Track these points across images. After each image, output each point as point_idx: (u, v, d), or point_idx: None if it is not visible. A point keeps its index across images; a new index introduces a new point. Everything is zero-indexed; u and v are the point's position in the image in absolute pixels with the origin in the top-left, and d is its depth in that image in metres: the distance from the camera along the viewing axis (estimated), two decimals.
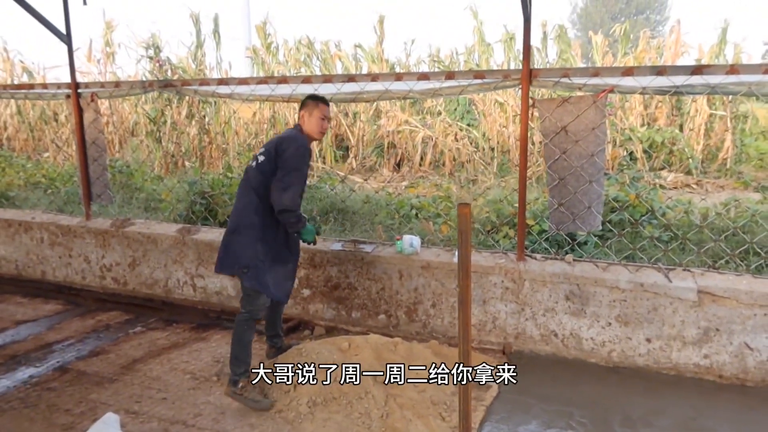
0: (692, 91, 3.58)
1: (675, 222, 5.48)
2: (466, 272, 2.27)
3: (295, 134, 3.45)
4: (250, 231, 3.37)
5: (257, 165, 3.41)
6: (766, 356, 3.45)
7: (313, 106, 3.52)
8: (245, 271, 3.34)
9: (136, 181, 7.85)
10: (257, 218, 3.37)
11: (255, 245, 3.36)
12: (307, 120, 3.51)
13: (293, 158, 3.32)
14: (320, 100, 3.56)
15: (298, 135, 3.45)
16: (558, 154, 3.78)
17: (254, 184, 3.38)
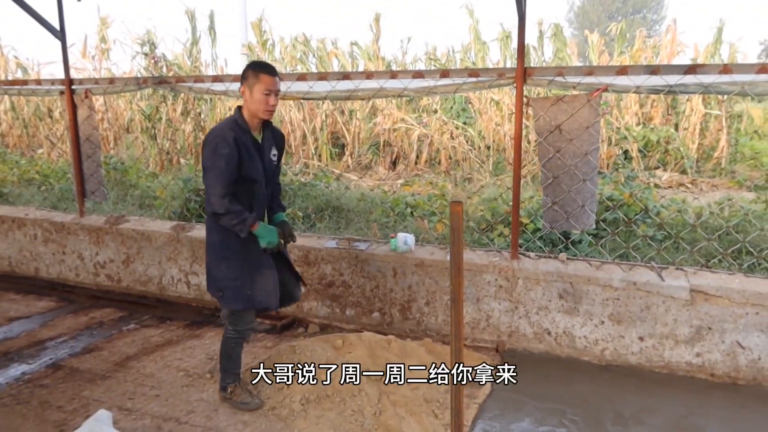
0: (686, 90, 3.59)
1: (669, 221, 5.50)
2: (459, 270, 2.27)
3: (214, 128, 3.00)
4: (212, 251, 3.14)
5: None
6: (757, 355, 3.47)
7: (254, 79, 2.95)
8: (220, 294, 3.14)
9: (130, 178, 7.84)
10: (216, 236, 3.10)
11: (221, 265, 3.10)
12: (248, 97, 2.98)
13: (205, 158, 2.93)
14: (262, 69, 2.98)
15: (216, 127, 3.00)
16: (552, 152, 3.79)
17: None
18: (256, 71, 2.97)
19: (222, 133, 2.92)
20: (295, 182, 7.05)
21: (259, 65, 3.03)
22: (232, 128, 2.95)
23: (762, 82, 3.45)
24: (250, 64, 3.04)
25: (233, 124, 2.99)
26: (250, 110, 3.02)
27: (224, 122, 3.01)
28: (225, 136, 2.90)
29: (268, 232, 3.06)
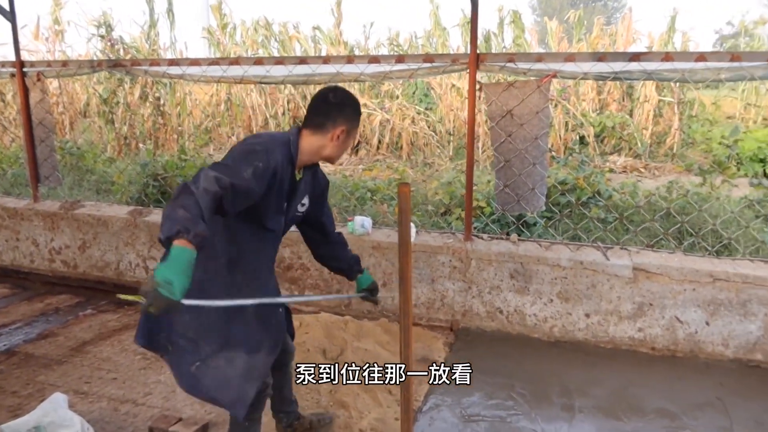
0: (630, 77, 3.74)
1: (619, 204, 5.72)
2: (406, 249, 2.35)
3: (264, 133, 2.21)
4: None
5: None
6: (694, 328, 3.67)
7: (357, 120, 2.29)
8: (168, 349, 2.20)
9: (86, 163, 7.70)
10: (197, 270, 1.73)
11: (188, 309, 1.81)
12: (336, 140, 2.22)
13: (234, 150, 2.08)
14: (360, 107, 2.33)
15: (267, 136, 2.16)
16: (504, 137, 3.90)
17: None
18: (360, 113, 2.32)
19: (272, 147, 2.08)
20: None
21: (359, 105, 2.31)
22: (282, 152, 2.12)
23: (700, 69, 3.61)
24: (352, 101, 2.26)
25: (286, 149, 2.15)
26: (325, 153, 2.25)
27: (278, 137, 2.17)
28: (271, 153, 2.05)
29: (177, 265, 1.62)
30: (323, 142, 2.21)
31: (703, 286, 3.61)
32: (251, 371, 2.18)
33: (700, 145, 10.75)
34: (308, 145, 2.21)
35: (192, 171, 6.43)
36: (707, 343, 3.67)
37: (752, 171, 8.63)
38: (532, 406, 3.17)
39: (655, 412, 3.10)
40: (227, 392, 2.15)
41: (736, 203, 5.49)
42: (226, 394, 2.15)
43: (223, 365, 2.14)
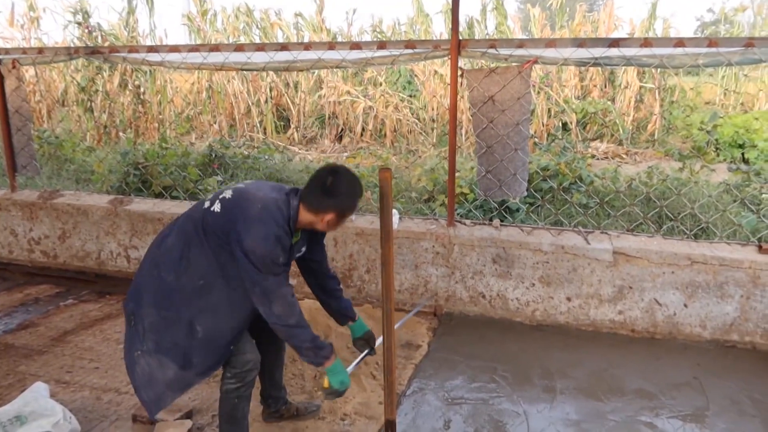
0: (609, 63, 3.76)
1: (601, 189, 5.77)
2: (388, 235, 2.36)
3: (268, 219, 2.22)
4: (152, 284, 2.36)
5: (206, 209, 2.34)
6: (673, 311, 3.74)
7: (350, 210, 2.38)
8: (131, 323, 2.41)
9: (65, 152, 7.59)
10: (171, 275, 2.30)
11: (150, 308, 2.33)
12: (328, 220, 2.34)
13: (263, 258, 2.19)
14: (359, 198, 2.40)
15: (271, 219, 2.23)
16: (485, 122, 3.91)
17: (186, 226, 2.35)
18: (357, 203, 2.40)
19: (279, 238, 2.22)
20: (237, 155, 6.99)
21: (360, 193, 2.38)
22: (284, 228, 2.26)
23: (679, 55, 3.65)
24: (351, 189, 2.34)
25: (285, 226, 2.27)
26: (314, 226, 2.38)
27: (277, 215, 2.25)
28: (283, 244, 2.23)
29: (338, 373, 2.41)
30: (315, 220, 2.34)
31: (681, 269, 3.67)
32: (176, 383, 2.34)
33: (680, 131, 10.87)
34: (303, 218, 2.35)
35: (173, 159, 6.37)
36: (685, 325, 3.74)
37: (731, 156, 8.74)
38: (515, 388, 3.21)
39: (634, 393, 3.16)
40: (148, 391, 2.35)
41: (714, 188, 5.57)
42: (146, 392, 2.35)
43: (155, 366, 2.31)
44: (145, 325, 2.31)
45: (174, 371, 2.30)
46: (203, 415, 2.92)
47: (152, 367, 2.31)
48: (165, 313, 2.29)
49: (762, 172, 6.53)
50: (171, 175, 5.98)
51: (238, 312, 2.36)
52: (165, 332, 2.30)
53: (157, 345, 2.30)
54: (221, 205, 2.29)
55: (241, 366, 2.38)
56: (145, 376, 2.33)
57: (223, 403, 2.44)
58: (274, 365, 2.76)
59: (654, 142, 10.39)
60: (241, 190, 2.34)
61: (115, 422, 2.88)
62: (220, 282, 2.31)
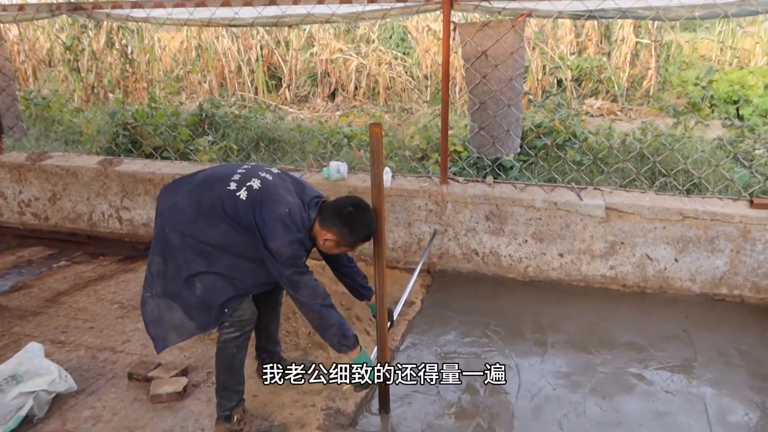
0: (605, 15, 3.68)
1: (595, 146, 5.74)
2: (379, 190, 2.35)
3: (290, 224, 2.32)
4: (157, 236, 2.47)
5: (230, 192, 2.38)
6: (663, 265, 3.76)
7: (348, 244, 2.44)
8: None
9: (53, 113, 7.47)
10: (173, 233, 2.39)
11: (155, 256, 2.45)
12: (328, 245, 2.45)
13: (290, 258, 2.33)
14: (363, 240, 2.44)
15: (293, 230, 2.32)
16: (479, 78, 3.85)
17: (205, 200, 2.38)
18: (356, 241, 2.42)
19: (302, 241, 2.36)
20: (228, 114, 6.89)
21: (365, 235, 2.42)
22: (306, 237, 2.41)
23: (675, 7, 3.57)
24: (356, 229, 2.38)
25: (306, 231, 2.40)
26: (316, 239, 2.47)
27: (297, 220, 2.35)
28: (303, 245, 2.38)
29: (367, 361, 2.48)
30: (318, 234, 2.44)
31: (673, 224, 3.69)
32: (181, 329, 2.43)
33: (676, 88, 10.76)
34: (314, 231, 2.45)
35: (163, 119, 6.28)
36: (675, 279, 3.77)
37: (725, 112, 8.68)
38: (506, 343, 3.26)
39: (624, 345, 3.21)
40: (157, 329, 2.48)
41: (708, 144, 5.55)
42: (154, 329, 2.48)
43: (164, 309, 2.43)
44: (153, 271, 2.44)
45: (180, 316, 2.41)
46: (198, 372, 2.95)
47: (161, 309, 2.44)
48: (170, 262, 2.39)
49: (756, 127, 6.50)
50: (161, 136, 5.91)
51: (238, 284, 2.41)
52: (169, 282, 2.40)
53: (164, 290, 2.42)
54: (248, 195, 2.36)
55: (240, 315, 2.41)
56: (154, 315, 2.46)
57: (221, 353, 2.46)
58: (270, 319, 2.82)
59: (649, 99, 10.30)
60: (269, 185, 2.40)
61: (111, 380, 2.91)
62: (226, 256, 2.38)
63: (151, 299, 2.46)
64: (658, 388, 2.86)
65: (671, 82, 10.88)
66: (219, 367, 2.49)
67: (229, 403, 2.50)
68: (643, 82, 10.75)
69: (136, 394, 2.79)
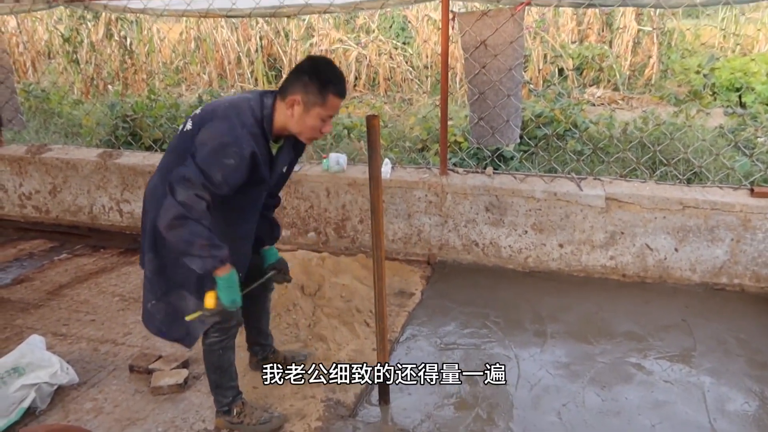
0: (605, 3, 3.66)
1: (596, 135, 5.72)
2: (377, 182, 2.34)
3: (231, 112, 2.08)
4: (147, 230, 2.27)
5: (181, 132, 2.21)
6: (663, 255, 3.76)
7: (317, 98, 2.09)
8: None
9: (52, 105, 7.46)
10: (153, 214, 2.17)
11: (149, 250, 2.26)
12: (297, 114, 2.11)
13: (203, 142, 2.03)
14: (332, 90, 2.10)
15: (233, 116, 2.06)
16: (478, 68, 3.83)
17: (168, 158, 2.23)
18: (324, 90, 2.08)
19: (239, 135, 2.03)
20: None
21: (330, 80, 2.09)
22: (253, 134, 2.08)
23: None
24: (316, 72, 2.09)
25: (257, 128, 2.10)
26: (288, 126, 2.16)
27: (246, 114, 2.08)
28: (241, 142, 2.02)
29: (232, 288, 2.12)
30: (285, 112, 2.14)
31: (673, 214, 3.68)
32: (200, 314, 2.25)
33: (678, 76, 10.70)
34: (277, 115, 2.16)
35: (162, 111, 6.27)
36: (675, 269, 3.77)
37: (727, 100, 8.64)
38: (506, 333, 3.26)
39: (623, 335, 3.22)
40: (176, 328, 2.33)
41: (709, 132, 5.52)
42: (174, 330, 2.33)
43: (175, 302, 2.28)
44: (150, 274, 2.29)
45: (193, 301, 2.25)
46: (199, 364, 2.95)
47: (172, 306, 2.29)
48: (163, 251, 2.22)
49: (758, 115, 6.47)
50: (161, 128, 5.90)
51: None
52: (170, 271, 2.25)
53: (167, 284, 2.27)
54: (192, 122, 2.16)
55: (225, 321, 2.33)
56: (169, 318, 2.31)
57: (208, 355, 2.42)
58: (260, 314, 2.79)
59: (651, 87, 10.24)
60: (211, 102, 2.22)
61: (113, 372, 2.92)
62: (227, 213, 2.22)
63: (158, 303, 2.31)
64: (657, 378, 2.87)
65: (673, 70, 10.81)
66: (208, 368, 2.46)
67: (225, 399, 2.49)
68: (645, 70, 10.69)
69: (137, 386, 2.81)
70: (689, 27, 11.95)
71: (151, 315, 2.34)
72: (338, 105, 2.16)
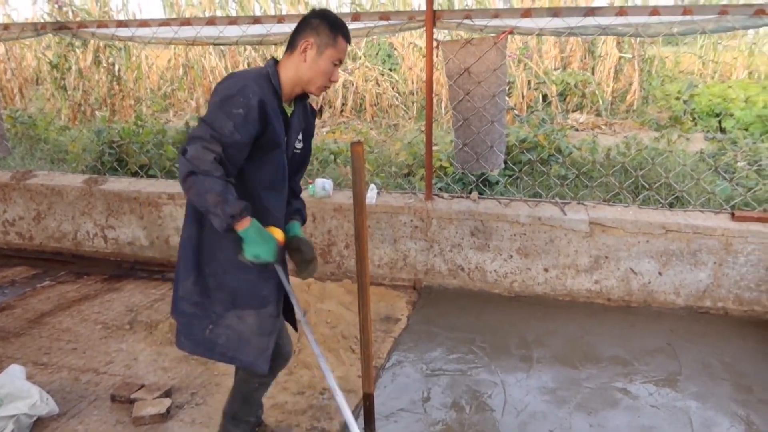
0: (585, 32, 3.75)
1: (579, 160, 5.80)
2: (361, 208, 2.35)
3: (234, 73, 2.03)
4: (184, 249, 2.12)
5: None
6: (648, 279, 3.79)
7: (328, 39, 2.04)
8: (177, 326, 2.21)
9: (39, 131, 7.44)
10: (193, 227, 2.09)
11: (189, 274, 2.10)
12: (309, 59, 2.05)
13: (210, 105, 1.95)
14: (340, 30, 2.08)
15: (238, 74, 2.02)
16: (462, 95, 3.89)
17: None
18: (334, 31, 2.05)
19: (244, 84, 1.94)
20: None
21: (338, 23, 2.07)
22: (259, 84, 1.99)
23: (654, 24, 3.64)
24: (325, 16, 2.07)
25: (263, 80, 2.02)
26: (300, 76, 2.07)
27: (251, 71, 2.05)
28: (246, 91, 1.93)
29: (262, 239, 1.94)
30: (295, 62, 2.07)
31: (656, 238, 3.72)
32: (263, 326, 2.14)
33: (659, 102, 10.90)
34: (285, 71, 2.08)
35: (149, 137, 6.27)
36: (660, 293, 3.80)
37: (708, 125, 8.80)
38: (492, 359, 3.26)
39: (609, 360, 3.22)
40: (247, 349, 2.13)
41: (690, 157, 5.62)
42: (245, 351, 2.13)
43: (236, 324, 2.11)
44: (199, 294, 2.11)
45: (253, 317, 2.12)
46: (182, 393, 2.92)
47: (233, 328, 2.12)
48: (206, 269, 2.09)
49: (737, 140, 6.60)
50: (147, 154, 5.89)
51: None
52: (222, 282, 2.10)
53: (223, 304, 2.11)
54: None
55: (275, 355, 2.20)
56: (233, 341, 2.12)
57: (241, 384, 2.30)
58: None
59: (633, 113, 10.42)
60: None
61: (94, 402, 2.87)
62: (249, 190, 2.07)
63: (216, 329, 2.12)
64: (643, 402, 2.87)
65: (654, 96, 11.02)
66: (234, 397, 2.34)
67: (236, 430, 2.38)
68: (627, 96, 10.89)
69: (118, 416, 2.76)
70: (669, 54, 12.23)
71: (211, 341, 2.13)
72: (346, 49, 2.11)
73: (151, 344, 3.41)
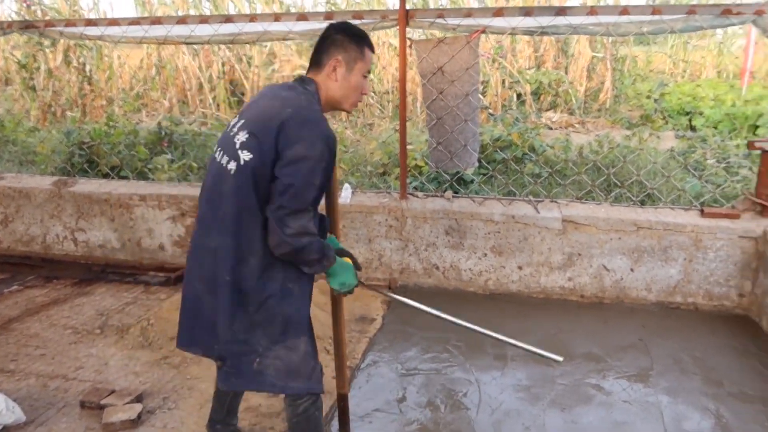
0: (557, 32, 3.78)
1: (553, 158, 5.85)
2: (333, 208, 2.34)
3: (313, 110, 1.92)
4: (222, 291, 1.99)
5: (240, 167, 1.89)
6: (620, 276, 3.84)
7: (357, 53, 2.00)
8: (219, 365, 2.08)
9: (6, 133, 7.27)
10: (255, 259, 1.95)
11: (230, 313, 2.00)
12: (341, 77, 1.99)
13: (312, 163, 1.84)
14: (365, 42, 2.03)
15: (317, 112, 1.93)
16: (435, 94, 3.89)
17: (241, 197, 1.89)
18: (360, 43, 2.01)
19: (328, 131, 1.89)
20: (188, 132, 6.81)
21: (361, 34, 2.03)
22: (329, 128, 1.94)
23: (624, 23, 3.69)
24: (346, 30, 2.02)
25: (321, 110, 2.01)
26: (332, 95, 2.02)
27: (311, 102, 1.96)
28: (331, 140, 1.89)
29: (342, 269, 2.05)
30: (326, 82, 2.02)
31: (628, 235, 3.77)
32: (312, 349, 2.11)
33: (630, 100, 11.07)
34: (322, 92, 2.02)
35: (121, 138, 6.16)
36: (632, 289, 3.85)
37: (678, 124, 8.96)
38: (467, 357, 3.26)
39: (582, 356, 3.25)
40: (298, 379, 2.07)
41: (661, 155, 5.71)
42: (297, 381, 2.07)
43: (284, 353, 2.04)
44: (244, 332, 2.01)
45: (303, 346, 2.06)
46: (154, 398, 2.88)
47: (282, 359, 2.04)
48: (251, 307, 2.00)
49: (707, 138, 6.73)
50: (118, 155, 5.80)
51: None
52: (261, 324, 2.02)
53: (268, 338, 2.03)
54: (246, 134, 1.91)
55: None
56: (282, 371, 2.04)
57: (304, 423, 2.16)
58: None
59: (605, 111, 10.56)
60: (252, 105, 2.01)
61: (63, 409, 2.81)
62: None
63: (264, 360, 2.03)
64: (616, 398, 2.90)
65: (626, 95, 11.19)
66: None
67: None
68: (599, 95, 11.03)
69: (88, 423, 2.70)
70: (640, 54, 12.42)
71: (261, 373, 2.04)
72: (372, 60, 2.08)
73: (122, 348, 3.35)
